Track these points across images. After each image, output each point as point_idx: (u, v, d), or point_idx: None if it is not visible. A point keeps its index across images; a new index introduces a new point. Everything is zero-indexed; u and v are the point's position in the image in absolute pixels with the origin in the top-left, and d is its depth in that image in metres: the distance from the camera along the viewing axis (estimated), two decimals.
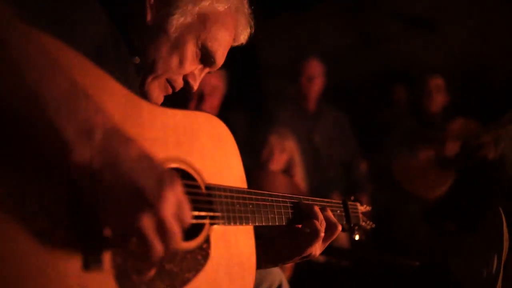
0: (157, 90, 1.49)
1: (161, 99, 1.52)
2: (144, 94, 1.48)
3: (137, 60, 1.45)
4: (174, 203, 0.95)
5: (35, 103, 0.86)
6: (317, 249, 1.54)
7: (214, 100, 3.60)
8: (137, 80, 1.46)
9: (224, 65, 1.61)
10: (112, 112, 1.02)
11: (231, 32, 1.54)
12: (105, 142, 0.91)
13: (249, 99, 5.23)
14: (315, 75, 4.65)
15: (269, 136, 3.86)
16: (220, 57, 1.54)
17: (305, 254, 1.53)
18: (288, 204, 1.52)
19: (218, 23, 1.49)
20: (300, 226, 1.53)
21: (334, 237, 1.57)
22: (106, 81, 1.07)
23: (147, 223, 0.92)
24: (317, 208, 1.53)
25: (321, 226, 1.51)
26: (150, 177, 0.94)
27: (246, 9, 1.58)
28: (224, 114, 3.61)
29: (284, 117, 4.51)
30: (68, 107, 0.88)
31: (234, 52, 1.65)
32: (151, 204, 0.92)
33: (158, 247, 0.95)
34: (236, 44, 1.61)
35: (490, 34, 5.80)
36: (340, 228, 1.56)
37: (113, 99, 1.06)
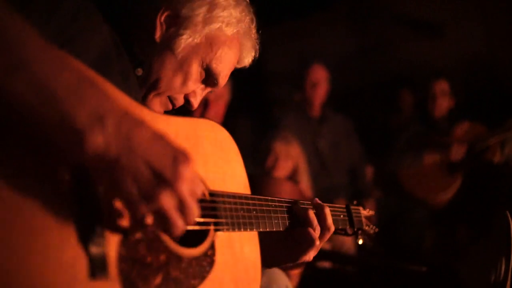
0: (158, 106, 1.51)
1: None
2: None
3: (139, 71, 1.46)
4: (189, 180, 0.97)
5: (45, 94, 0.87)
6: (311, 255, 1.54)
7: (219, 107, 3.61)
8: (139, 91, 1.47)
9: None
10: None
11: (236, 55, 1.56)
12: (118, 127, 0.92)
13: (254, 106, 5.23)
14: (320, 81, 4.66)
15: (274, 143, 3.86)
16: (223, 79, 1.56)
17: (299, 262, 1.54)
18: (285, 209, 1.51)
19: (225, 46, 1.51)
20: (295, 232, 1.52)
21: (326, 239, 1.57)
22: (108, 89, 1.07)
23: (167, 201, 0.94)
24: (311, 213, 1.52)
25: (316, 232, 1.51)
26: (166, 156, 0.96)
27: (253, 34, 1.59)
28: (229, 121, 3.62)
29: (289, 123, 4.52)
30: (78, 95, 0.89)
31: None
32: (170, 183, 0.95)
33: (179, 223, 0.97)
34: (239, 66, 1.62)
35: (495, 37, 5.79)
36: (333, 229, 1.56)
37: None
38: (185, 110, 1.58)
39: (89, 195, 0.98)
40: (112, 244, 1.02)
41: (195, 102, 1.56)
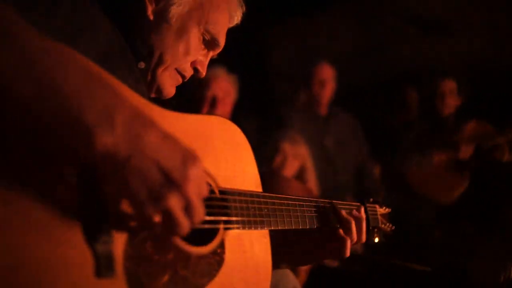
0: (169, 81, 1.51)
1: (173, 90, 1.54)
2: (157, 89, 1.50)
3: (142, 65, 1.46)
4: (197, 182, 0.98)
5: (54, 94, 0.86)
6: (344, 253, 1.60)
7: (226, 105, 3.60)
8: (144, 86, 1.47)
9: (236, 70, 1.62)
10: None
11: (226, 13, 1.58)
12: (127, 126, 0.91)
13: (261, 105, 5.22)
14: (327, 79, 4.64)
15: (281, 142, 3.85)
16: (222, 39, 1.58)
17: (329, 258, 1.64)
18: (312, 208, 1.54)
19: (213, 6, 1.52)
20: (327, 229, 1.58)
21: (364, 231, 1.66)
22: (116, 86, 1.06)
23: (175, 201, 0.95)
24: (344, 212, 1.59)
25: (353, 229, 1.58)
26: (175, 157, 0.96)
27: None
28: (235, 119, 3.60)
29: (296, 122, 4.50)
30: (87, 94, 0.88)
31: (245, 57, 1.65)
32: (178, 184, 0.95)
33: (185, 224, 0.97)
34: (231, 25, 1.63)
35: (503, 36, 5.76)
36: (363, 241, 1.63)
37: None
38: (194, 107, 1.58)
39: (96, 195, 0.97)
40: (118, 242, 1.01)
41: (203, 68, 1.57)
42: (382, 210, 1.86)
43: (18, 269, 0.86)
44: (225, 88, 3.53)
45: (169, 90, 1.52)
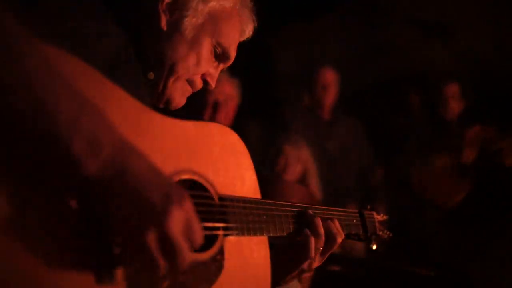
0: (179, 92, 1.51)
1: (183, 101, 1.54)
2: (166, 100, 1.50)
3: (151, 75, 1.46)
4: (181, 220, 0.94)
5: (44, 118, 0.86)
6: (312, 264, 1.52)
7: (229, 109, 3.60)
8: (148, 95, 1.46)
9: (238, 74, 1.62)
10: (122, 124, 1.02)
11: (238, 27, 1.58)
12: (113, 157, 0.90)
13: (264, 108, 5.22)
14: (330, 83, 4.64)
15: (284, 146, 3.85)
16: (233, 53, 1.57)
17: (296, 272, 1.53)
18: (294, 214, 1.49)
19: (226, 19, 1.52)
20: (299, 238, 1.50)
21: (333, 249, 1.54)
22: (117, 93, 1.07)
23: (151, 238, 0.91)
24: (318, 220, 1.49)
25: (320, 242, 1.48)
26: (157, 191, 0.93)
27: (248, 3, 1.61)
28: (238, 123, 3.61)
29: (298, 126, 4.50)
30: (76, 123, 0.88)
31: (248, 61, 1.66)
32: (157, 220, 0.91)
33: (161, 264, 0.93)
34: (242, 39, 1.63)
35: (506, 39, 5.75)
36: (339, 240, 1.52)
37: (123, 111, 1.06)
38: (196, 112, 1.59)
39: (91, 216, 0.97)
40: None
41: (212, 81, 1.57)
42: (379, 217, 1.87)
43: (17, 278, 0.86)
44: (228, 92, 3.53)
45: (179, 101, 1.52)
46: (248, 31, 1.63)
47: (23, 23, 0.89)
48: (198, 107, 3.39)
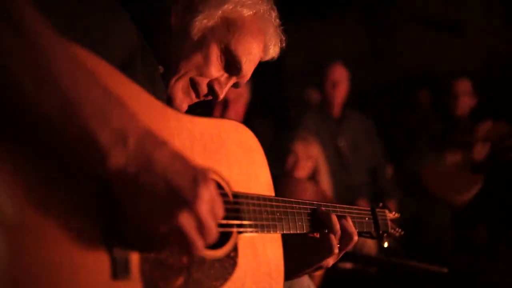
0: (181, 93, 1.49)
1: (185, 106, 1.52)
2: (168, 99, 1.48)
3: (161, 69, 1.46)
4: (208, 199, 0.98)
5: (71, 111, 0.88)
6: (329, 262, 1.51)
7: (239, 107, 3.60)
8: (164, 91, 1.46)
9: None
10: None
11: (259, 42, 1.53)
12: (139, 147, 0.93)
13: (274, 106, 5.22)
14: (340, 80, 4.62)
15: (294, 143, 3.84)
16: (247, 65, 1.52)
17: (315, 267, 1.52)
18: (308, 211, 1.48)
19: (243, 28, 1.49)
20: (317, 235, 1.50)
21: (350, 247, 1.52)
22: (133, 90, 1.08)
23: (186, 220, 0.95)
24: (334, 217, 1.48)
25: (337, 239, 1.48)
26: (185, 176, 0.96)
27: (274, 20, 1.56)
28: (248, 121, 3.61)
29: (308, 123, 4.49)
30: (102, 115, 0.90)
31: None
32: (189, 202, 0.95)
33: (198, 243, 0.97)
34: (267, 57, 1.59)
35: None
36: (356, 238, 1.51)
37: (140, 108, 1.06)
38: (206, 110, 1.57)
39: (113, 205, 0.98)
40: None
41: (220, 90, 1.52)
42: (391, 215, 1.86)
43: (36, 272, 0.87)
44: (237, 90, 3.53)
45: (180, 103, 1.50)
46: (273, 50, 1.58)
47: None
48: (207, 105, 3.39)
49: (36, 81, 0.85)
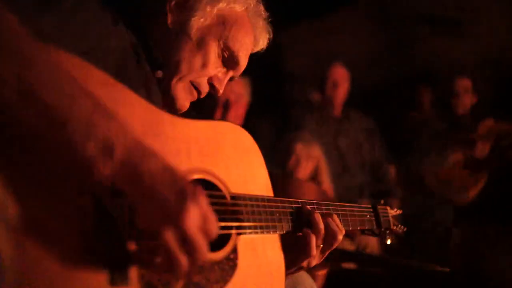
0: (183, 93, 1.49)
1: (187, 104, 1.52)
2: (170, 100, 1.48)
3: (159, 74, 1.46)
4: (197, 216, 0.94)
5: (56, 122, 0.87)
6: (311, 262, 1.47)
7: (240, 108, 3.60)
8: (159, 94, 1.46)
9: (248, 73, 1.60)
10: (134, 126, 1.02)
11: (251, 35, 1.56)
12: (126, 158, 0.91)
13: (274, 107, 5.22)
14: (341, 80, 4.61)
15: (295, 144, 3.84)
16: (243, 59, 1.55)
17: (296, 268, 1.48)
18: (293, 210, 1.43)
19: (237, 24, 1.51)
20: (300, 234, 1.44)
21: (334, 247, 1.47)
22: (127, 95, 1.07)
23: (170, 236, 0.91)
24: (317, 215, 1.43)
25: (320, 238, 1.43)
26: (172, 189, 0.93)
27: (262, 12, 1.60)
28: (249, 121, 3.61)
29: (309, 123, 4.48)
30: (89, 126, 0.88)
31: (257, 60, 1.65)
32: (174, 217, 0.92)
33: (182, 261, 0.94)
34: (256, 49, 1.62)
35: None
36: (340, 238, 1.46)
37: (134, 113, 1.07)
38: (207, 111, 1.57)
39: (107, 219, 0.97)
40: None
41: (220, 86, 1.54)
42: (393, 212, 1.85)
43: (34, 276, 0.87)
44: (238, 91, 3.53)
45: (182, 103, 1.50)
46: (263, 42, 1.61)
47: (35, 26, 0.89)
48: (209, 106, 3.39)
49: (17, 93, 0.84)
